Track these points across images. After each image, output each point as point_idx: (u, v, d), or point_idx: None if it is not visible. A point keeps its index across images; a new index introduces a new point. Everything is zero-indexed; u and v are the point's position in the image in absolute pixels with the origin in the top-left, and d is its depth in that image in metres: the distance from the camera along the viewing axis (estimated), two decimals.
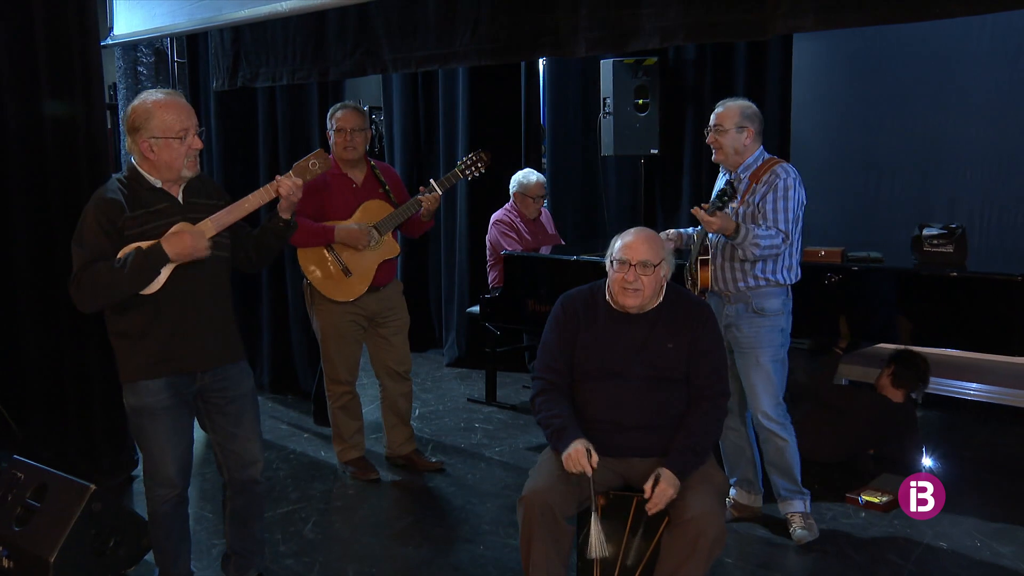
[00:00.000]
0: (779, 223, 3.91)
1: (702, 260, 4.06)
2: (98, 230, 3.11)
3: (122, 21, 5.95)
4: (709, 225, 3.82)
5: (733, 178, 4.06)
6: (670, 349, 3.33)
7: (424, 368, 7.31)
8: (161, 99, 3.18)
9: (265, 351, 6.61)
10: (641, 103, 6.47)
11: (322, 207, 4.65)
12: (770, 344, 4.02)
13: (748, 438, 4.27)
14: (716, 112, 4.07)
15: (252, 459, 3.47)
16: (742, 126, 4.01)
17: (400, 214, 4.69)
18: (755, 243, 3.85)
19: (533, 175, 6.18)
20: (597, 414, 3.34)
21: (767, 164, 4.01)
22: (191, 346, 3.26)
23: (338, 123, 4.70)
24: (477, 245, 6.88)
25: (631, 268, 3.30)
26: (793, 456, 4.10)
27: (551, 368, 3.40)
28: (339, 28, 5.15)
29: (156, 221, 3.17)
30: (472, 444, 5.55)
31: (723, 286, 4.06)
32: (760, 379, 4.03)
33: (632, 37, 4.03)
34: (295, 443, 5.57)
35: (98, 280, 3.09)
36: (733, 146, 4.02)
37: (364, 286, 4.71)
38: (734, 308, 4.05)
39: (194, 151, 3.21)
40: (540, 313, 5.30)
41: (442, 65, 4.89)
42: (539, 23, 4.31)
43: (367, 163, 4.83)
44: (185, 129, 3.17)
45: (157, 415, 3.25)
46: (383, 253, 4.73)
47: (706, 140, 4.10)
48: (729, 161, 4.06)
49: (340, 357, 4.84)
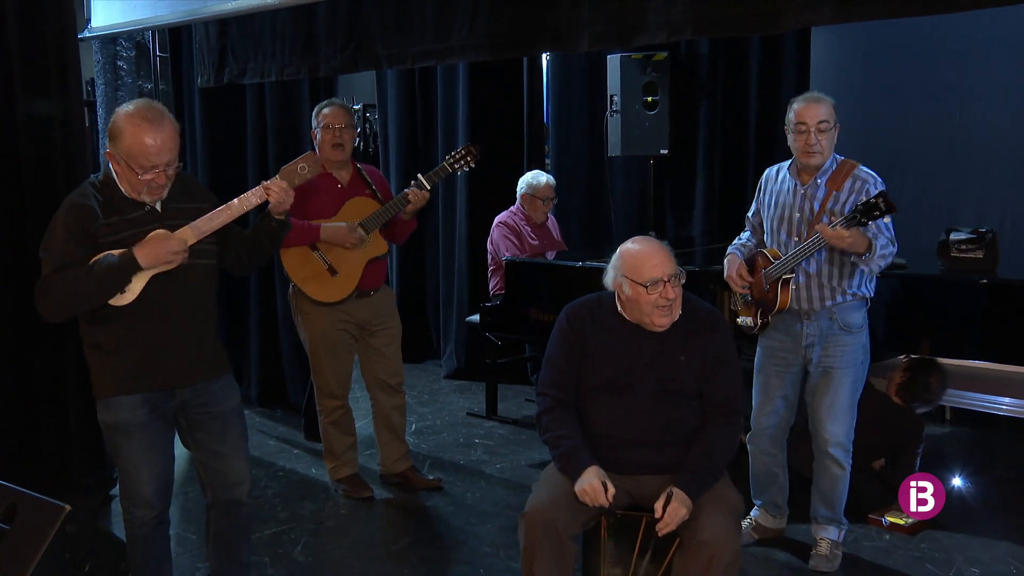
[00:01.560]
0: (884, 230, 3.76)
1: (784, 279, 3.92)
2: (67, 237, 3.08)
3: (100, 12, 5.95)
4: (839, 241, 3.63)
5: (809, 186, 3.88)
6: (682, 362, 3.31)
7: (421, 380, 7.29)
8: (139, 124, 3.05)
9: (253, 363, 6.59)
10: (650, 100, 6.45)
11: (305, 206, 4.62)
12: (854, 363, 3.94)
13: (784, 464, 4.23)
14: (812, 107, 3.81)
15: (237, 479, 3.44)
16: (838, 123, 3.85)
17: (386, 211, 4.68)
18: (882, 255, 3.71)
19: (543, 176, 6.16)
20: (605, 430, 3.32)
21: (844, 168, 3.86)
22: (169, 361, 3.23)
23: (325, 120, 4.69)
24: (477, 250, 6.86)
25: (666, 285, 3.26)
26: (845, 487, 4.03)
27: (557, 384, 3.38)
28: (330, 22, 5.14)
29: (131, 229, 3.13)
30: (472, 461, 5.53)
31: (806, 305, 3.93)
32: (838, 402, 3.94)
33: (637, 32, 4.01)
34: (284, 460, 5.55)
35: (65, 288, 3.06)
36: (832, 147, 3.85)
37: (351, 286, 4.69)
38: (816, 326, 3.94)
39: (159, 185, 3.12)
40: (543, 322, 5.28)
41: (438, 61, 4.88)
42: (540, 17, 4.30)
43: (353, 164, 4.82)
44: (153, 166, 3.06)
45: (133, 432, 3.22)
46: (370, 251, 4.71)
47: (791, 140, 3.88)
48: (823, 165, 3.87)
49: (330, 369, 4.82)
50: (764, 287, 4.00)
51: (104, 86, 6.37)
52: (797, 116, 3.84)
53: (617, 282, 3.35)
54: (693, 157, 6.80)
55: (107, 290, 3.09)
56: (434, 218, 7.61)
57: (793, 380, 4.08)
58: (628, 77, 6.40)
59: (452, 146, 7.35)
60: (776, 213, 4.02)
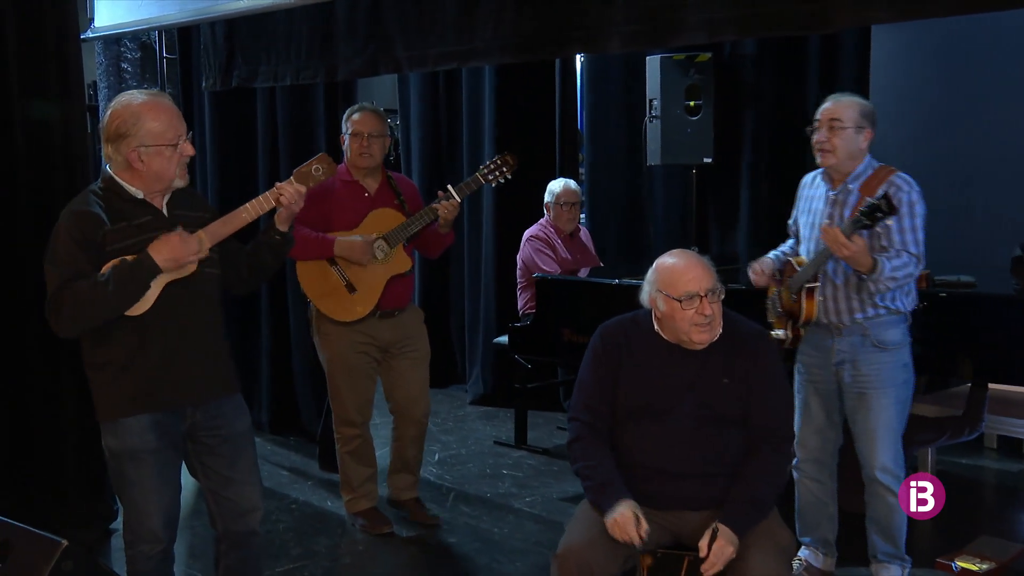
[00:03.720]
0: (909, 246, 3.77)
1: (809, 288, 3.93)
2: (73, 246, 3.11)
3: (104, 11, 6.00)
4: (841, 249, 3.64)
5: (839, 191, 3.92)
6: (725, 385, 3.30)
7: (445, 406, 7.29)
8: (148, 101, 3.20)
9: (264, 386, 6.61)
10: (693, 105, 6.43)
11: (328, 216, 4.65)
12: (892, 383, 3.91)
13: (833, 493, 4.19)
14: (828, 106, 3.92)
15: (250, 506, 3.44)
16: (861, 126, 3.87)
17: (412, 224, 4.68)
18: (892, 276, 3.71)
19: (562, 181, 6.19)
20: (642, 460, 3.30)
21: (880, 174, 3.87)
22: (180, 377, 3.25)
23: (354, 126, 4.72)
24: (505, 266, 6.85)
25: (702, 300, 3.25)
26: (903, 516, 3.97)
27: (590, 409, 3.37)
28: (348, 22, 5.16)
29: (139, 236, 3.17)
30: (499, 493, 5.51)
31: (835, 318, 3.93)
32: (880, 424, 3.91)
33: (674, 31, 4.00)
34: (298, 491, 5.56)
35: (79, 299, 3.08)
36: (848, 149, 3.87)
37: (370, 305, 4.70)
38: (847, 342, 3.93)
39: (186, 158, 3.23)
40: (577, 344, 5.27)
41: (461, 63, 4.89)
42: (569, 16, 4.30)
43: (383, 172, 4.84)
44: (178, 135, 3.19)
45: (142, 459, 3.24)
46: (392, 267, 4.71)
47: (813, 139, 3.94)
48: (839, 167, 3.91)
49: (348, 394, 4.82)
50: (791, 297, 4.01)
51: (107, 89, 6.45)
52: (817, 114, 3.95)
53: (652, 298, 3.35)
54: (739, 167, 6.77)
55: (126, 298, 3.12)
56: (459, 232, 7.61)
57: (831, 398, 4.07)
58: (669, 80, 6.39)
59: (478, 154, 7.37)
60: (808, 220, 4.07)
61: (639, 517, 3.15)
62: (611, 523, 3.16)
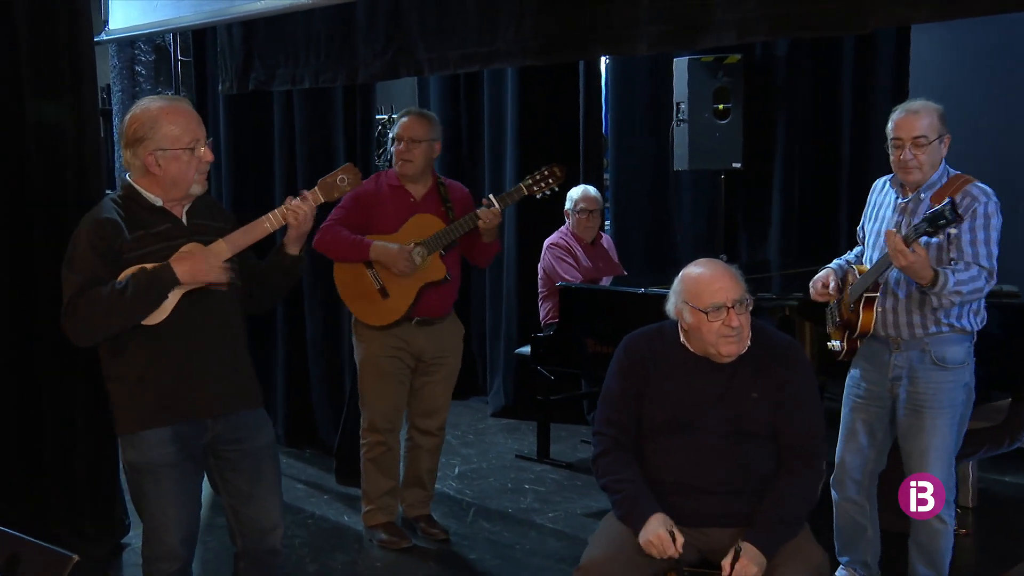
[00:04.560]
0: (980, 259, 3.66)
1: (868, 298, 3.86)
2: (91, 253, 3.15)
3: (119, 13, 6.04)
4: (901, 258, 3.54)
5: (910, 199, 3.84)
6: (755, 399, 3.29)
7: (465, 418, 7.29)
8: (167, 105, 3.24)
9: (279, 397, 6.62)
10: (721, 108, 6.43)
11: (370, 219, 4.68)
12: (951, 404, 3.83)
13: (872, 517, 4.14)
14: (905, 120, 3.78)
15: (271, 524, 3.46)
16: (942, 134, 3.78)
17: (450, 232, 4.69)
18: (956, 291, 3.61)
19: (581, 187, 6.19)
20: (668, 475, 3.29)
21: (955, 182, 3.77)
22: (200, 388, 3.27)
23: (398, 131, 4.77)
24: (527, 275, 6.85)
25: (729, 311, 3.24)
26: (949, 541, 3.92)
27: (615, 422, 3.37)
28: (368, 23, 5.18)
29: (158, 244, 3.20)
30: (521, 509, 5.51)
31: (893, 331, 3.87)
32: (932, 446, 3.84)
33: (702, 32, 3.98)
34: (314, 505, 5.56)
35: (97, 306, 3.11)
36: (933, 162, 3.78)
37: (400, 311, 4.71)
38: (905, 357, 3.87)
39: (205, 164, 3.26)
40: (601, 355, 5.25)
41: (483, 65, 4.90)
42: (594, 16, 4.29)
43: (433, 177, 4.87)
44: (196, 139, 3.22)
45: (162, 473, 3.25)
46: (426, 275, 4.72)
47: (893, 157, 3.83)
48: (923, 181, 3.82)
49: (376, 397, 4.82)
50: (849, 306, 3.97)
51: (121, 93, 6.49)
52: (894, 129, 3.82)
53: (678, 309, 3.35)
54: (769, 172, 6.76)
55: (143, 307, 3.14)
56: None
57: (881, 416, 4.01)
58: (697, 82, 6.38)
59: (499, 159, 7.38)
60: (874, 228, 4.00)
61: (674, 533, 3.15)
62: (646, 542, 3.15)
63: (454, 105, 7.77)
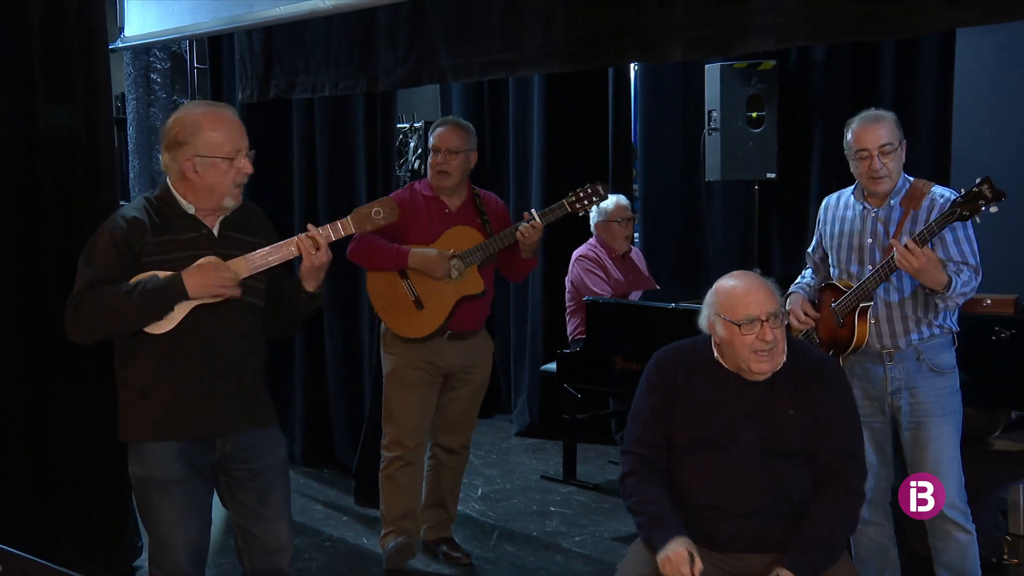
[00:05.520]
0: (968, 257, 3.80)
1: (862, 309, 3.90)
2: (111, 250, 3.18)
3: (134, 20, 6.08)
4: (914, 260, 3.61)
5: (881, 209, 3.92)
6: (790, 416, 3.28)
7: (489, 437, 7.29)
8: (211, 112, 3.29)
9: (297, 415, 6.64)
10: (755, 117, 6.41)
11: (404, 231, 4.70)
12: (952, 410, 3.90)
13: (892, 536, 4.13)
14: (870, 129, 3.87)
15: (278, 545, 3.46)
16: (902, 139, 3.90)
17: (489, 245, 4.71)
18: (962, 293, 3.73)
19: (611, 196, 6.16)
20: (700, 497, 3.28)
21: (917, 188, 3.89)
22: (205, 406, 3.28)
23: (434, 141, 4.81)
24: (553, 288, 6.86)
25: (763, 325, 3.23)
26: (975, 554, 3.92)
27: (644, 441, 3.36)
28: (390, 30, 5.20)
29: (181, 252, 3.23)
30: (547, 532, 5.49)
31: (889, 341, 3.91)
32: (943, 456, 3.87)
33: (739, 37, 3.97)
34: (332, 527, 5.56)
35: (100, 304, 3.14)
36: (899, 168, 3.90)
37: (436, 324, 4.71)
38: (902, 368, 3.90)
39: (243, 176, 3.28)
40: (630, 372, 5.25)
41: (509, 73, 4.91)
42: (625, 21, 4.28)
43: (469, 189, 4.89)
44: (237, 149, 3.25)
45: (167, 489, 3.27)
46: (463, 288, 4.73)
47: (860, 169, 3.91)
48: (892, 189, 3.92)
49: (400, 410, 4.81)
50: (836, 322, 3.98)
51: (135, 101, 6.53)
52: (856, 141, 3.92)
53: (711, 322, 3.34)
54: (805, 182, 6.72)
55: (147, 314, 3.16)
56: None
57: (885, 431, 4.03)
58: (729, 89, 6.37)
59: (525, 170, 7.39)
60: (844, 242, 4.05)
61: (693, 555, 3.13)
62: (663, 560, 3.14)
63: (478, 113, 7.77)
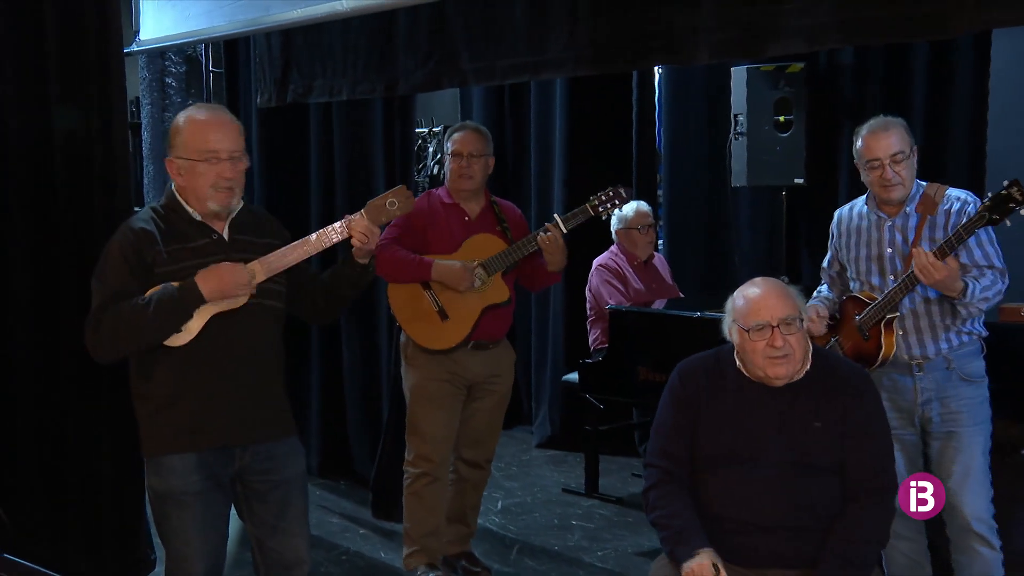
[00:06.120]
0: (993, 259, 3.81)
1: (888, 320, 3.89)
2: (122, 264, 3.20)
3: (150, 24, 6.10)
4: (933, 272, 3.63)
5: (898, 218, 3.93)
6: (818, 428, 3.27)
7: (509, 449, 7.28)
8: (195, 114, 3.30)
9: (314, 426, 6.65)
10: (783, 120, 6.39)
11: (424, 239, 4.70)
12: (983, 419, 3.90)
13: (926, 551, 4.10)
14: (880, 137, 3.89)
15: (296, 559, 3.46)
16: (913, 146, 3.93)
17: (513, 252, 4.69)
18: (984, 297, 3.74)
19: (631, 204, 6.15)
20: (725, 511, 3.27)
21: (933, 191, 3.90)
22: (225, 416, 3.29)
23: (455, 146, 4.79)
24: (575, 297, 6.85)
25: (773, 331, 3.23)
26: (1001, 573, 3.91)
27: (667, 454, 3.36)
28: (409, 32, 5.20)
29: (193, 260, 3.23)
30: (568, 547, 5.48)
31: (918, 351, 3.91)
32: (973, 467, 3.87)
33: (770, 39, 3.96)
34: (349, 541, 5.57)
35: (119, 321, 3.15)
36: (912, 175, 3.92)
37: (462, 334, 4.69)
38: (931, 378, 3.89)
39: (223, 180, 3.25)
40: (653, 383, 5.24)
41: (532, 76, 4.90)
42: (649, 23, 4.28)
43: (486, 196, 4.89)
44: (213, 151, 3.22)
45: (185, 501, 3.28)
46: (488, 297, 4.72)
47: (871, 178, 3.93)
48: (906, 197, 3.94)
49: (426, 424, 4.78)
50: (862, 336, 3.96)
51: (150, 106, 6.56)
52: (867, 151, 3.94)
53: (729, 328, 3.37)
54: (834, 188, 6.69)
55: (166, 325, 3.17)
56: None
57: (915, 445, 4.01)
58: (756, 93, 6.35)
59: (547, 175, 7.38)
60: (862, 254, 4.06)
61: (718, 568, 3.12)
62: (687, 573, 3.14)
63: (498, 118, 7.79)
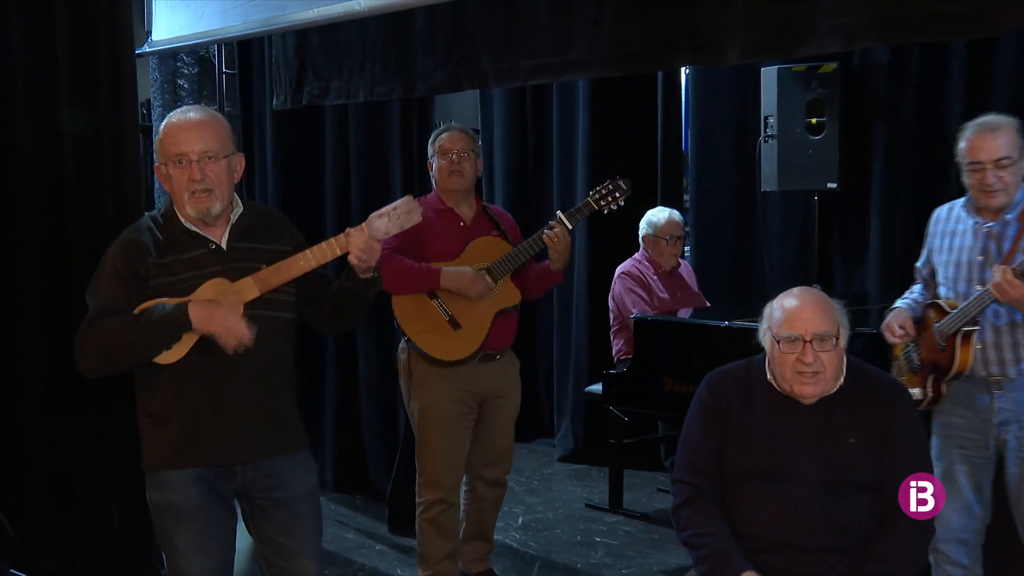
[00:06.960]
0: None
1: (966, 332, 3.82)
2: (114, 278, 3.19)
3: (162, 24, 6.13)
4: (1009, 291, 3.55)
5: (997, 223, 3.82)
6: (853, 445, 3.25)
7: (530, 463, 7.28)
8: (170, 117, 3.28)
9: (329, 439, 6.66)
10: (815, 123, 6.37)
11: (423, 247, 4.67)
12: None
13: None
14: (987, 139, 3.76)
15: None
16: (1023, 149, 3.78)
17: (519, 253, 4.67)
18: None
19: (664, 211, 6.16)
20: (756, 530, 3.25)
21: None
22: (226, 432, 3.27)
23: (442, 144, 4.78)
24: (599, 305, 6.83)
25: (805, 345, 3.21)
26: None
27: (697, 469, 3.34)
28: (428, 32, 5.21)
29: (188, 272, 3.21)
30: (591, 564, 5.47)
31: (996, 369, 3.83)
32: None
33: (803, 39, 3.93)
34: (364, 557, 5.57)
35: (105, 337, 3.15)
36: (1018, 181, 3.78)
37: (477, 342, 4.66)
38: (1011, 398, 3.82)
39: (193, 183, 3.18)
40: (680, 395, 5.22)
41: (555, 77, 4.89)
42: (679, 22, 4.27)
43: (478, 201, 4.89)
44: (182, 153, 3.18)
45: (184, 516, 3.27)
46: (500, 301, 4.70)
47: (972, 180, 3.82)
48: (1008, 204, 3.81)
49: (440, 450, 4.74)
50: (938, 345, 3.90)
51: (162, 108, 6.58)
52: (970, 152, 3.81)
53: (764, 334, 3.35)
54: (868, 193, 6.68)
55: (152, 345, 3.16)
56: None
57: (986, 467, 3.94)
58: (787, 94, 6.33)
59: (569, 179, 7.38)
60: (952, 258, 3.96)
61: None
62: None
63: (519, 120, 7.79)
